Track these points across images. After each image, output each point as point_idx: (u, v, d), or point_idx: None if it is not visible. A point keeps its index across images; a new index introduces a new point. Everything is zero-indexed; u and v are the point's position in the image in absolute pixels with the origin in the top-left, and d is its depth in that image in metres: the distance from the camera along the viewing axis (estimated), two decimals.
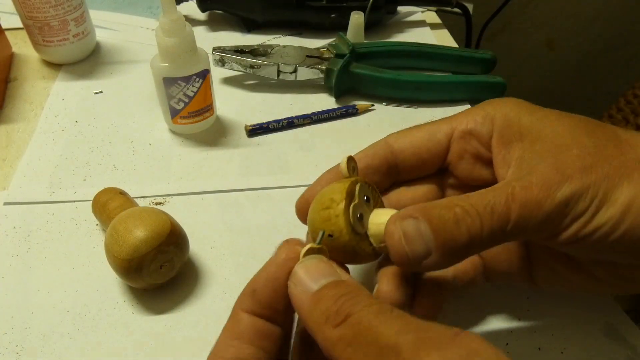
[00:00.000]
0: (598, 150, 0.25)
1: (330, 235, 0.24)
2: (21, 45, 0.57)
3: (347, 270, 0.24)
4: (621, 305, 0.35)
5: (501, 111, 0.28)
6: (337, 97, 0.52)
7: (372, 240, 0.26)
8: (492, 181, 0.29)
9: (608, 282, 0.29)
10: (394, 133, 0.31)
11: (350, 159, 0.27)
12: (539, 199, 0.23)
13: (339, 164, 0.28)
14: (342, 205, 0.24)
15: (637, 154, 0.25)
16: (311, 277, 0.21)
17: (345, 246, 0.24)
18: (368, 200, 0.26)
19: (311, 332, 0.20)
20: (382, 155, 0.30)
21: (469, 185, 0.31)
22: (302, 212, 0.30)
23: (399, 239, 0.23)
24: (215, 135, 0.47)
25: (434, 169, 0.31)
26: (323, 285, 0.20)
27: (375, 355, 0.17)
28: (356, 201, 0.25)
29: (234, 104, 0.51)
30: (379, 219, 0.25)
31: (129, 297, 0.35)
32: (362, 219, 0.25)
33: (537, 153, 0.26)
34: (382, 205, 0.28)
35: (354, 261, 0.26)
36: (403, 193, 0.32)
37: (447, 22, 0.65)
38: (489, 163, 0.29)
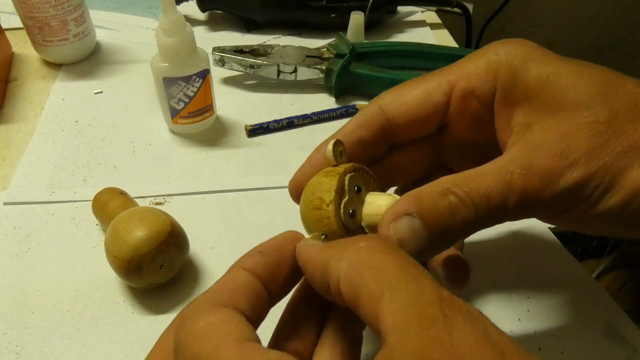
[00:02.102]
0: (610, 125, 0.22)
1: (324, 236, 0.24)
2: (21, 45, 0.57)
3: None
4: (621, 305, 0.35)
5: (507, 62, 0.25)
6: (337, 97, 0.52)
7: (366, 230, 0.25)
8: (494, 142, 0.26)
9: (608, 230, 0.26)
10: (386, 94, 0.28)
11: (337, 144, 0.25)
12: (539, 188, 0.22)
13: (330, 138, 0.27)
14: (332, 207, 0.24)
15: None
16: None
17: None
18: (359, 190, 0.25)
19: (320, 274, 0.20)
20: (377, 124, 0.27)
21: (467, 143, 0.29)
22: (295, 194, 0.28)
23: None
24: (215, 135, 0.47)
25: (432, 131, 0.28)
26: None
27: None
28: (346, 197, 0.24)
29: (234, 104, 0.51)
30: (372, 209, 0.25)
31: (129, 297, 0.35)
32: (354, 215, 0.25)
33: (542, 124, 0.23)
34: (375, 187, 0.27)
35: None
36: (399, 157, 0.29)
37: (447, 22, 0.65)
38: (490, 124, 0.27)
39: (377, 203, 0.24)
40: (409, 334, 0.16)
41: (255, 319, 0.20)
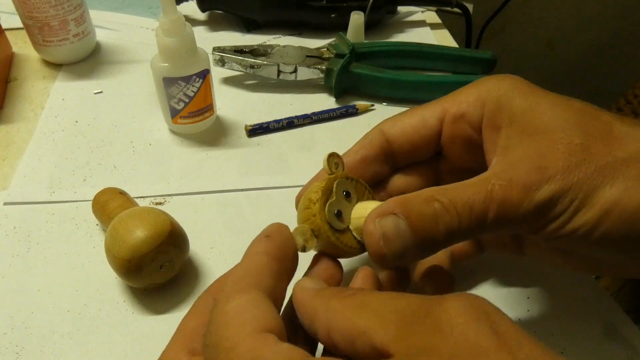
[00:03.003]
0: (585, 147, 0.24)
1: (314, 235, 0.25)
2: (21, 45, 0.57)
3: (339, 265, 0.26)
4: (621, 306, 0.35)
5: (493, 93, 0.27)
6: (337, 97, 0.52)
7: (354, 234, 0.26)
8: (485, 165, 0.28)
9: (590, 266, 0.29)
10: (387, 120, 0.30)
11: (332, 156, 0.27)
12: (517, 199, 0.23)
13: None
14: (317, 205, 0.25)
15: (626, 153, 0.23)
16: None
17: (327, 243, 0.25)
18: (348, 195, 0.27)
19: (312, 315, 0.21)
20: (378, 144, 0.30)
21: (463, 169, 0.30)
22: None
23: (377, 240, 0.23)
24: (215, 135, 0.47)
25: (429, 154, 0.31)
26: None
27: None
28: (333, 198, 0.26)
29: (234, 104, 0.51)
30: (359, 212, 0.26)
31: (129, 297, 0.35)
32: (341, 215, 0.26)
33: (523, 144, 0.25)
34: (370, 197, 0.28)
35: (340, 256, 0.26)
36: (401, 180, 0.31)
37: (447, 22, 0.65)
38: (480, 147, 0.29)
39: (365, 207, 0.26)
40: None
41: (279, 297, 0.22)
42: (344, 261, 0.27)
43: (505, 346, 0.16)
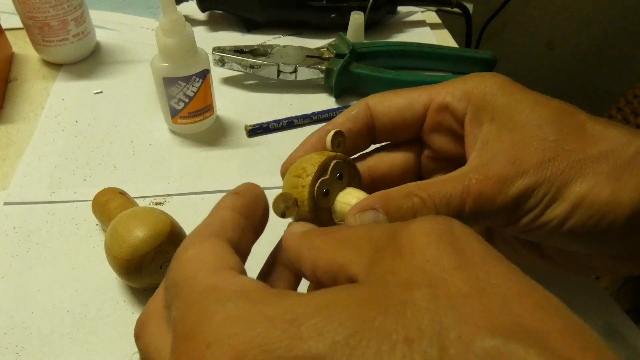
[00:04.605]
0: (559, 144, 0.25)
1: (296, 204, 0.26)
2: (21, 45, 0.57)
3: None
4: (621, 305, 0.35)
5: (479, 88, 0.28)
6: (337, 97, 0.52)
7: (335, 215, 0.27)
8: (464, 157, 0.29)
9: (563, 264, 0.30)
10: (375, 95, 0.31)
11: (337, 134, 0.27)
12: (493, 193, 0.24)
13: (325, 128, 0.29)
14: (310, 178, 0.25)
15: (597, 150, 0.25)
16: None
17: (305, 216, 0.26)
18: (341, 177, 0.27)
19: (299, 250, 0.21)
20: (363, 119, 0.30)
21: (443, 158, 0.31)
22: (284, 174, 0.31)
23: None
24: (215, 135, 0.47)
25: (410, 137, 0.31)
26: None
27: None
28: (326, 176, 0.26)
29: (234, 104, 0.51)
30: (345, 198, 0.26)
31: (129, 297, 0.35)
32: (327, 194, 0.26)
33: (501, 140, 0.26)
34: (358, 185, 0.28)
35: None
36: (382, 159, 0.32)
37: (447, 22, 0.65)
38: (460, 139, 0.29)
39: (352, 194, 0.26)
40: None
41: (244, 250, 0.22)
42: None
43: (466, 265, 0.15)
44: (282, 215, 0.25)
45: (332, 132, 0.27)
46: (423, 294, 0.14)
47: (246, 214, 0.22)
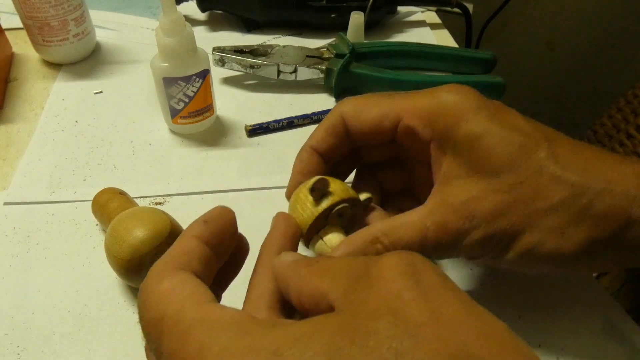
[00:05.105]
0: (513, 194, 0.26)
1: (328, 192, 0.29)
2: (21, 45, 0.57)
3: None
4: (622, 305, 0.35)
5: (444, 114, 0.28)
6: (337, 97, 0.52)
7: (314, 246, 0.29)
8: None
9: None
10: (347, 103, 0.31)
11: (315, 190, 0.29)
12: (449, 242, 0.27)
13: (308, 144, 0.32)
14: (312, 220, 0.28)
15: (549, 203, 0.26)
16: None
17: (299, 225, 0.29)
18: (341, 215, 0.30)
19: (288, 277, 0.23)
20: (341, 130, 0.31)
21: (425, 165, 0.32)
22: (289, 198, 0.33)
23: None
24: (215, 135, 0.47)
25: (386, 142, 0.32)
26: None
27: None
28: (324, 225, 0.29)
29: (234, 104, 0.51)
30: (330, 240, 0.29)
31: (129, 297, 0.35)
32: (342, 216, 0.30)
33: (460, 181, 0.27)
34: (344, 220, 0.30)
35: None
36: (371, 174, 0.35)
37: (447, 22, 0.65)
38: (426, 161, 0.31)
39: (333, 238, 0.29)
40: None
41: (206, 280, 0.23)
42: None
43: (424, 296, 0.17)
44: (311, 191, 0.29)
45: (307, 190, 0.29)
46: (386, 322, 0.17)
47: (213, 243, 0.23)
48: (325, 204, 0.28)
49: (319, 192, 0.29)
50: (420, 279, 0.18)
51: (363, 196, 0.31)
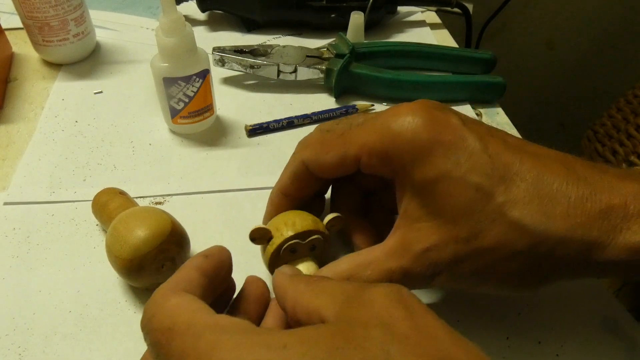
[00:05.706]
0: (469, 244, 0.27)
1: (268, 240, 0.32)
2: (21, 45, 0.57)
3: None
4: (623, 304, 0.35)
5: (400, 152, 0.28)
6: (337, 97, 0.52)
7: None
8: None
9: None
10: (307, 150, 0.33)
11: (255, 236, 0.32)
12: (416, 285, 0.29)
13: (274, 194, 0.35)
14: (289, 235, 0.32)
15: (509, 250, 0.26)
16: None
17: (266, 255, 0.33)
18: (313, 248, 0.33)
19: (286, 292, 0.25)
20: (305, 176, 0.33)
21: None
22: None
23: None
24: (215, 135, 0.47)
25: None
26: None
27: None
28: (303, 242, 0.32)
29: (234, 104, 0.51)
30: (301, 268, 0.32)
31: (130, 296, 0.35)
32: (295, 252, 0.32)
33: (420, 225, 0.28)
34: (318, 252, 0.33)
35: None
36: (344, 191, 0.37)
37: (447, 22, 0.65)
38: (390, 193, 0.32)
39: (307, 268, 0.32)
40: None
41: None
42: None
43: (411, 316, 0.20)
44: (252, 240, 0.32)
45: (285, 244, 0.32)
46: (378, 332, 0.19)
47: (210, 276, 0.25)
48: (270, 248, 0.32)
49: (260, 240, 0.32)
50: (408, 305, 0.21)
51: (329, 217, 0.33)
